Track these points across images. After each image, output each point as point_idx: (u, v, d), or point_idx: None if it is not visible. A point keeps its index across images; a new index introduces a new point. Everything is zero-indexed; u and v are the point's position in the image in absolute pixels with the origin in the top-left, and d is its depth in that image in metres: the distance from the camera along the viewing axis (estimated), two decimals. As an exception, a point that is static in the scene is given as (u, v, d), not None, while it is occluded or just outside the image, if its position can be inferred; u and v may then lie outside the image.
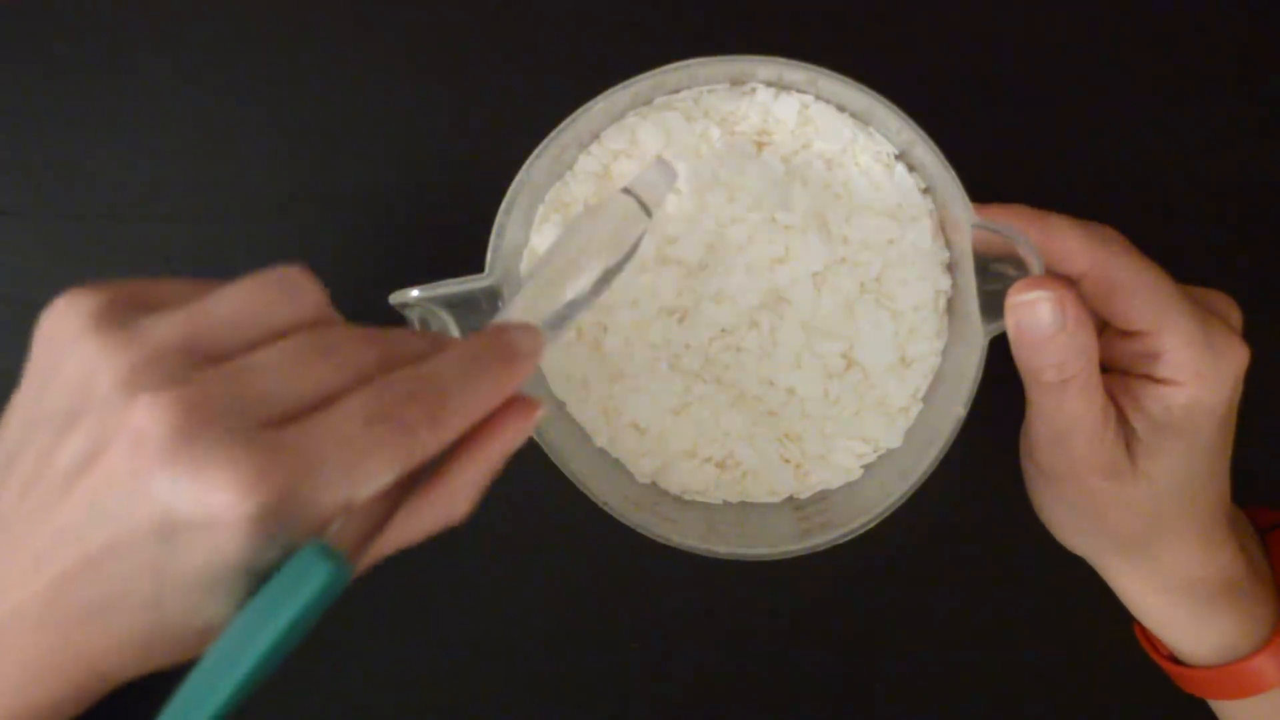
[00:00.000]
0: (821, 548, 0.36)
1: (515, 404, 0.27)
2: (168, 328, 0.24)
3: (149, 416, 0.23)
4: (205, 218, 0.43)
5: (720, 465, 0.39)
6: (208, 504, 0.22)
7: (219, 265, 0.43)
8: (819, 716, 0.45)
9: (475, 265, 0.36)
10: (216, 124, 0.43)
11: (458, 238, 0.38)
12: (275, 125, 0.43)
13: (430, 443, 0.25)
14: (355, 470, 0.24)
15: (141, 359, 0.24)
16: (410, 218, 0.43)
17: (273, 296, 0.26)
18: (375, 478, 0.24)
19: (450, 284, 0.35)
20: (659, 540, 0.37)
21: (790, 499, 0.40)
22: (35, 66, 0.43)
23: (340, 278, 0.28)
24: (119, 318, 0.25)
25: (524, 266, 0.38)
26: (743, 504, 0.40)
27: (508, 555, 0.44)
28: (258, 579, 0.24)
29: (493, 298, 0.36)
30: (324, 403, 0.24)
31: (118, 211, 0.43)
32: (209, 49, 0.43)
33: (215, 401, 0.23)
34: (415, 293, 0.34)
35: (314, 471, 0.23)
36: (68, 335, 0.25)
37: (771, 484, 0.39)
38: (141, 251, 0.43)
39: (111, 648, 0.25)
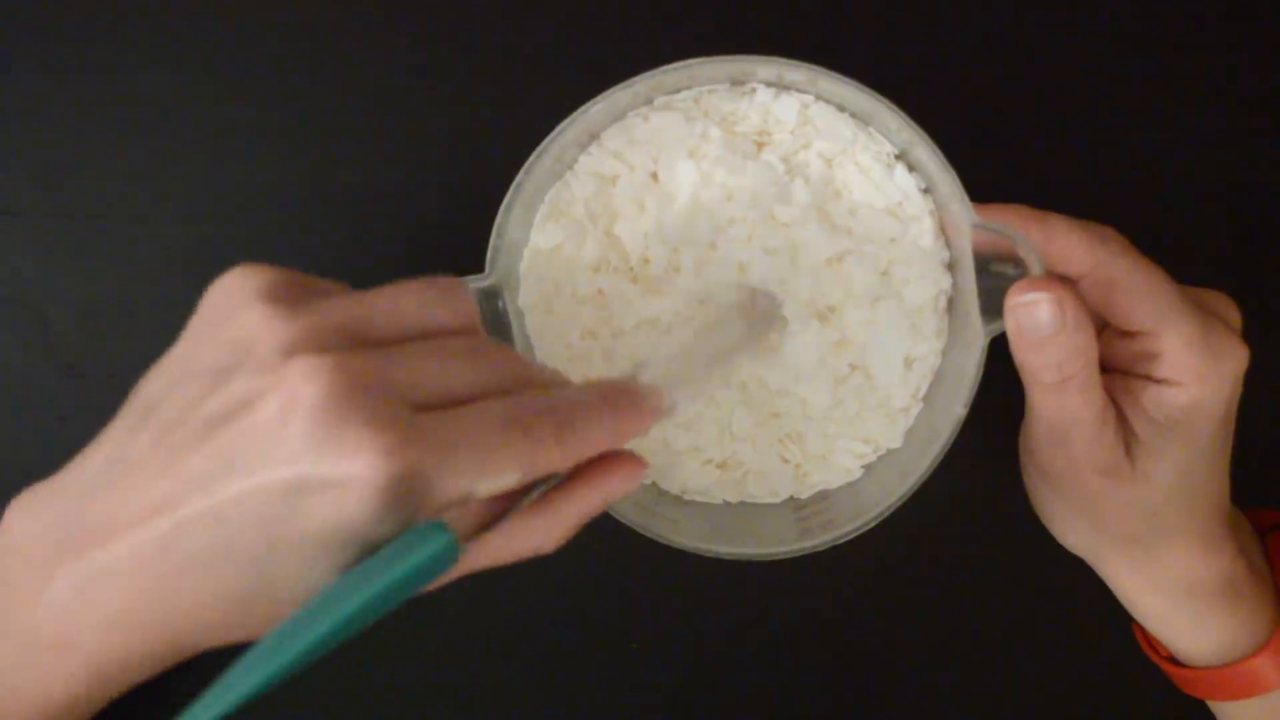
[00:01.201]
0: (821, 548, 0.36)
1: (627, 456, 0.29)
2: (333, 308, 0.26)
3: (303, 377, 0.24)
4: (205, 218, 0.43)
5: (721, 466, 0.39)
6: (342, 467, 0.23)
7: (219, 265, 0.43)
8: (819, 716, 0.45)
9: (475, 265, 0.36)
10: (216, 124, 0.43)
11: (458, 238, 0.38)
12: (275, 125, 0.43)
13: (553, 459, 0.26)
14: (483, 464, 0.25)
15: (305, 330, 0.25)
16: (410, 218, 0.43)
17: (432, 299, 0.27)
18: (499, 476, 0.25)
19: (450, 284, 0.35)
20: (659, 540, 0.37)
21: (790, 499, 0.40)
22: (35, 66, 0.43)
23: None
24: (290, 294, 0.26)
25: (524, 267, 0.38)
26: (743, 504, 0.40)
27: (508, 555, 0.44)
28: (368, 553, 0.24)
29: (493, 297, 0.36)
30: (465, 401, 0.26)
31: (118, 211, 0.43)
32: (209, 49, 0.43)
33: (368, 376, 0.24)
34: (415, 293, 0.34)
35: (446, 456, 0.24)
36: (237, 301, 0.26)
37: (772, 484, 0.39)
38: (142, 251, 0.43)
39: (204, 602, 0.25)
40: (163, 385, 0.27)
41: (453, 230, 0.42)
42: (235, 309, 0.26)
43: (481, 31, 0.43)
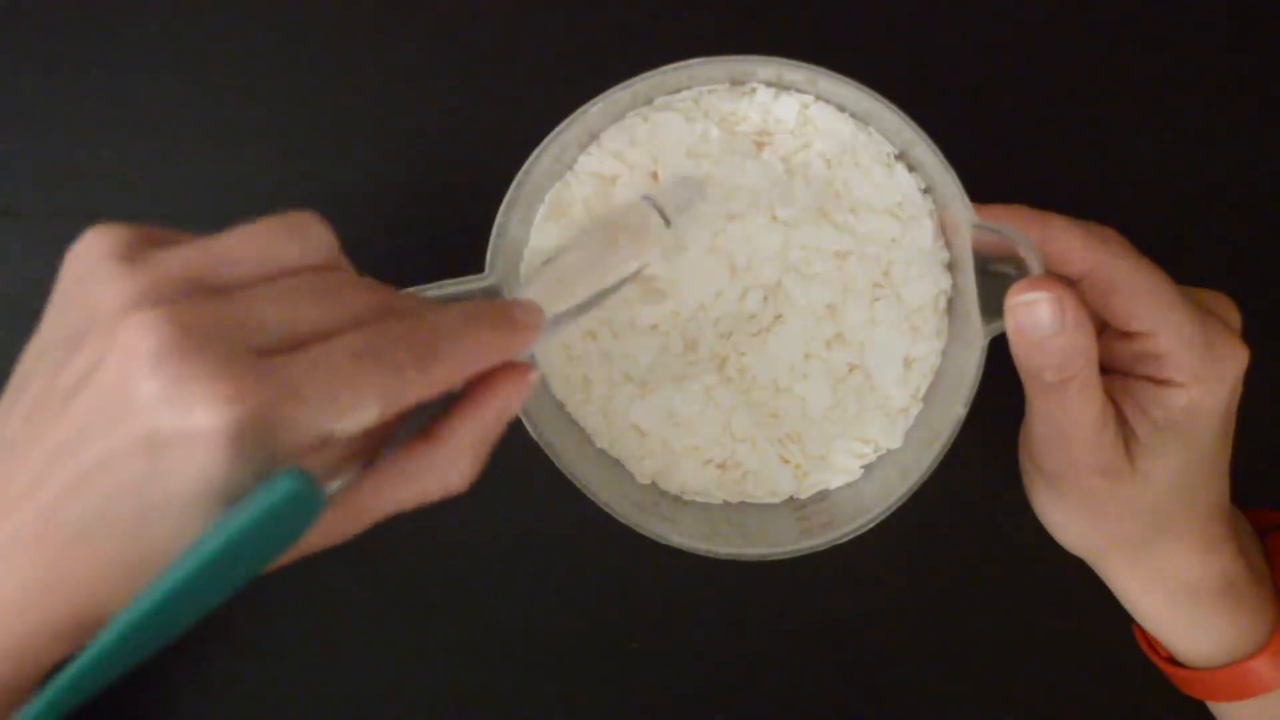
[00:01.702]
0: (821, 548, 0.36)
1: (509, 368, 0.28)
2: (175, 258, 0.25)
3: (139, 332, 0.23)
4: (205, 218, 0.43)
5: (721, 466, 0.39)
6: (187, 419, 0.23)
7: (219, 265, 0.43)
8: (819, 716, 0.45)
9: (475, 265, 0.36)
10: (217, 124, 0.43)
11: (458, 238, 0.38)
12: (276, 125, 0.43)
13: (415, 386, 0.25)
14: (336, 400, 0.24)
15: (145, 285, 0.24)
16: (410, 218, 0.43)
17: (282, 237, 0.26)
18: (356, 410, 0.24)
19: (450, 284, 0.35)
20: (659, 540, 0.37)
21: (790, 499, 0.40)
22: (35, 66, 0.43)
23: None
24: (135, 251, 0.25)
25: (524, 267, 0.38)
26: (743, 504, 0.40)
27: (508, 555, 0.44)
28: (237, 504, 0.24)
29: (493, 298, 0.36)
30: (318, 339, 0.25)
31: (118, 211, 0.43)
32: (209, 49, 0.43)
33: (206, 323, 0.24)
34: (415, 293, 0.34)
35: (294, 396, 0.23)
36: (86, 264, 0.25)
37: (772, 484, 0.39)
38: (141, 251, 0.43)
39: (99, 572, 0.25)
40: (30, 362, 0.27)
41: (453, 230, 0.42)
42: (85, 272, 0.25)
43: (481, 32, 0.43)
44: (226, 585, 0.24)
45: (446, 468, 0.28)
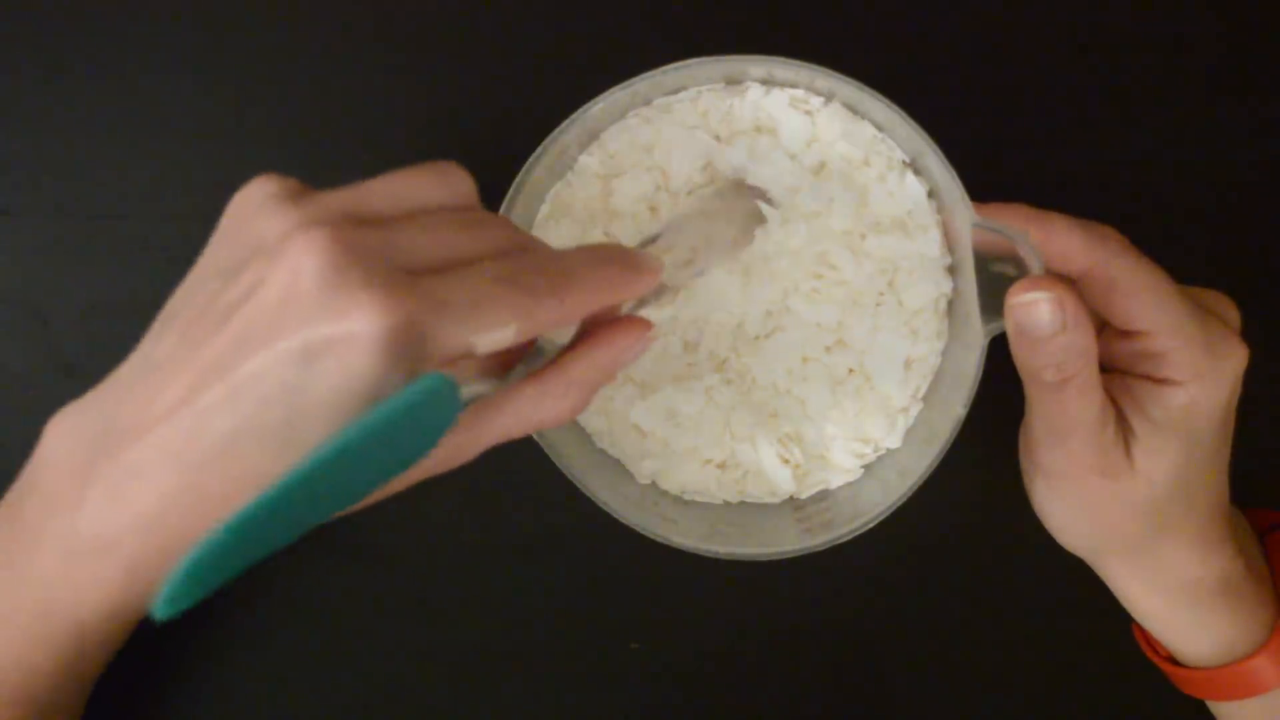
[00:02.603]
0: (821, 548, 0.36)
1: (630, 319, 0.31)
2: (333, 196, 0.27)
3: (304, 248, 0.25)
4: (205, 218, 0.43)
5: (721, 466, 0.39)
6: (344, 322, 0.24)
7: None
8: (819, 716, 0.45)
9: (475, 265, 0.36)
10: (216, 124, 0.43)
11: (458, 238, 0.38)
12: (275, 125, 0.43)
13: (550, 311, 0.27)
14: (479, 316, 0.26)
15: (307, 215, 0.26)
16: (410, 218, 0.43)
17: (429, 180, 0.29)
18: (496, 328, 0.26)
19: (450, 284, 0.35)
20: (659, 540, 0.37)
21: (790, 499, 0.40)
22: (35, 66, 0.43)
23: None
24: (297, 192, 0.27)
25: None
26: (743, 504, 0.40)
27: (508, 555, 0.44)
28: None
29: None
30: (462, 264, 0.27)
31: (118, 211, 0.43)
32: (209, 49, 0.43)
33: (364, 244, 0.25)
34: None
35: (442, 309, 0.25)
36: (250, 206, 0.27)
37: (772, 484, 0.39)
38: (141, 251, 0.43)
39: (236, 489, 0.26)
40: (186, 293, 0.28)
41: (453, 230, 0.42)
42: (248, 214, 0.27)
43: (481, 32, 0.43)
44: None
45: (560, 400, 0.30)
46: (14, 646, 0.30)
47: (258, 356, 0.25)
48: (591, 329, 0.30)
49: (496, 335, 0.26)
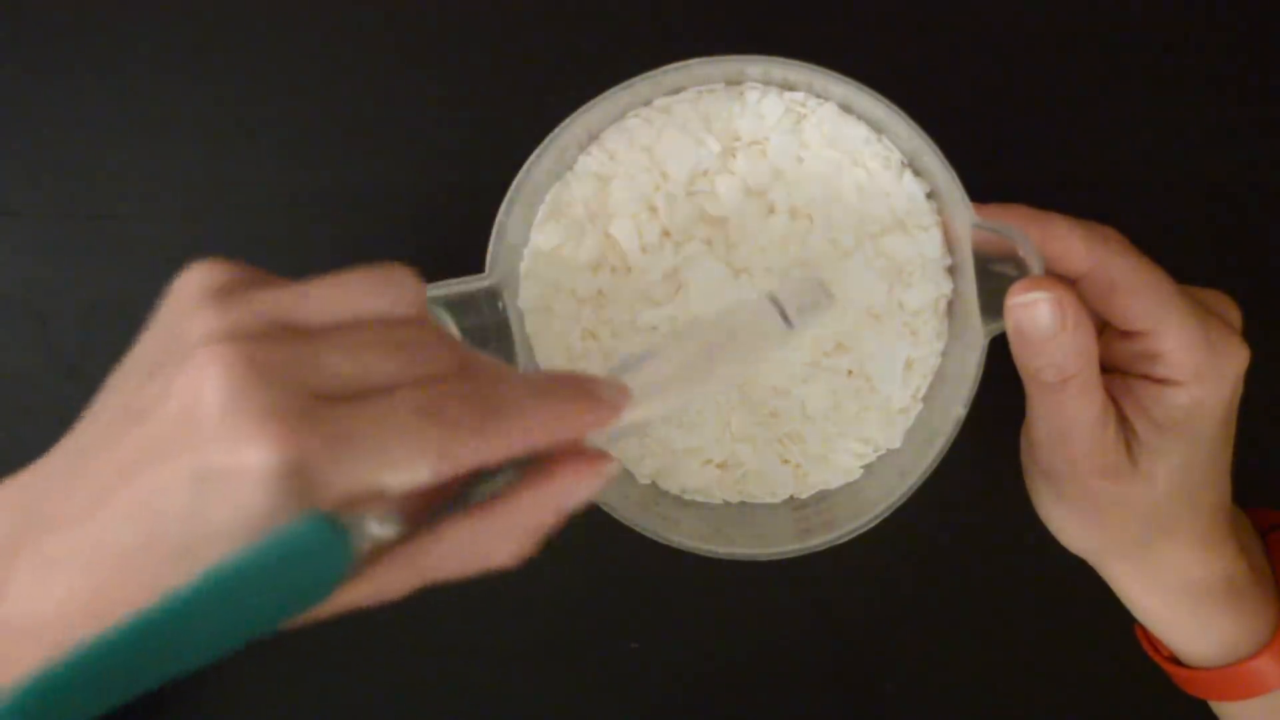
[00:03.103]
0: (821, 548, 0.36)
1: (584, 453, 0.27)
2: (265, 298, 0.26)
3: (209, 364, 0.24)
4: (205, 218, 0.43)
5: (721, 466, 0.39)
6: (237, 454, 0.23)
7: (219, 265, 0.43)
8: (819, 716, 0.45)
9: (475, 265, 0.36)
10: (216, 124, 0.43)
11: (458, 238, 0.38)
12: (275, 125, 0.43)
13: (473, 449, 0.25)
14: (389, 454, 0.24)
15: (229, 322, 0.25)
16: (410, 218, 0.43)
17: (371, 287, 0.27)
18: (408, 467, 0.24)
19: (450, 284, 0.35)
20: (659, 540, 0.37)
21: (790, 499, 0.40)
22: (35, 66, 0.43)
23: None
24: (229, 289, 0.26)
25: (524, 267, 0.38)
26: (743, 504, 0.40)
27: (508, 555, 0.44)
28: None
29: (493, 298, 0.36)
30: (385, 391, 0.25)
31: (118, 211, 0.43)
32: (209, 49, 0.43)
33: (275, 363, 0.24)
34: (415, 292, 0.34)
35: (347, 443, 0.23)
36: (184, 297, 0.26)
37: (772, 484, 0.39)
38: (142, 251, 0.43)
39: (142, 596, 0.25)
40: (119, 377, 0.27)
41: (453, 230, 0.42)
42: (181, 305, 0.26)
43: (481, 32, 0.43)
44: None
45: (496, 545, 0.27)
46: None
47: (156, 473, 0.24)
48: (543, 462, 0.27)
49: (408, 474, 0.24)
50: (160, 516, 0.24)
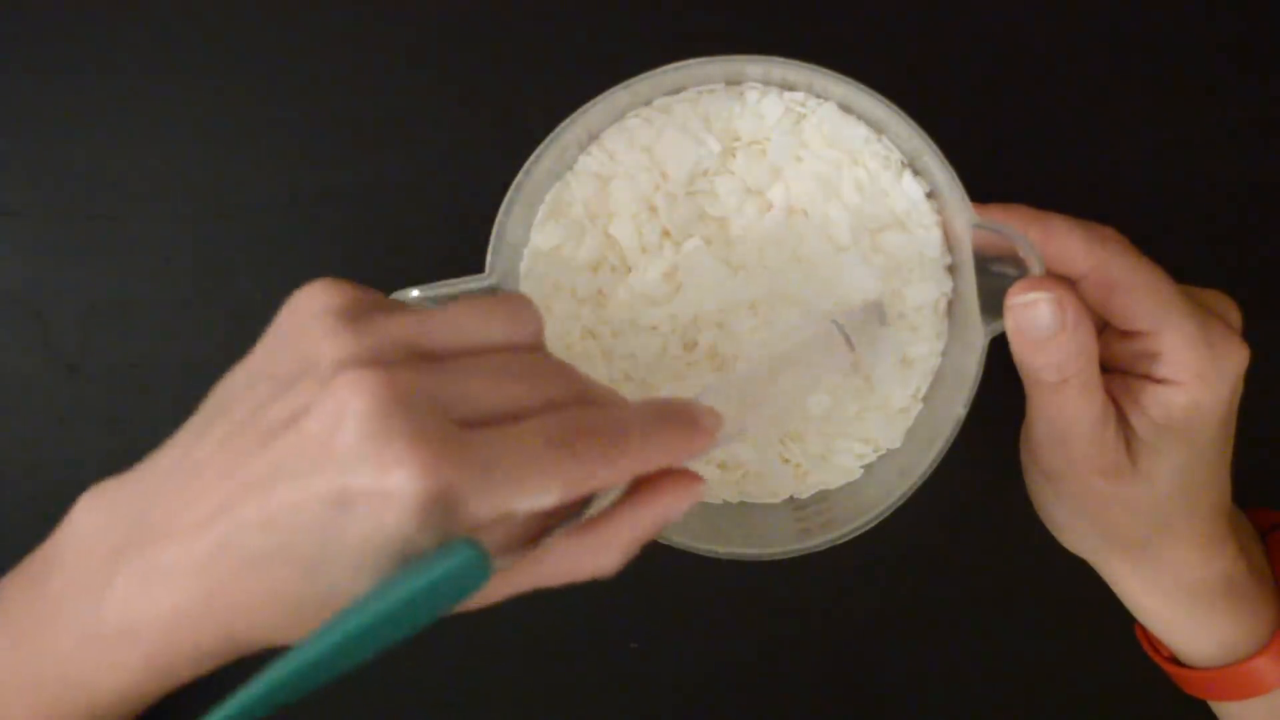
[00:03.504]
0: (821, 548, 0.36)
1: (681, 473, 0.29)
2: (395, 324, 0.27)
3: (354, 389, 0.24)
4: (205, 218, 0.43)
5: (721, 466, 0.39)
6: (383, 478, 0.24)
7: (219, 265, 0.43)
8: (819, 716, 0.45)
9: (475, 265, 0.36)
10: (217, 124, 0.43)
11: (458, 238, 0.38)
12: (275, 125, 0.43)
13: (598, 478, 0.26)
14: (523, 482, 0.25)
15: (364, 345, 0.26)
16: (411, 217, 0.43)
17: (496, 316, 0.28)
18: (539, 494, 0.25)
19: (450, 284, 0.35)
20: (659, 540, 0.37)
21: (790, 499, 0.40)
22: (35, 66, 0.43)
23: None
24: (359, 311, 0.27)
25: (524, 267, 0.38)
26: (743, 504, 0.40)
27: (508, 555, 0.44)
28: (409, 565, 0.25)
29: (493, 296, 0.36)
30: (514, 418, 0.26)
31: (118, 211, 0.43)
32: (209, 49, 0.43)
33: (415, 390, 0.25)
34: (415, 293, 0.34)
35: (485, 472, 0.24)
36: (310, 314, 0.27)
37: (772, 484, 0.39)
38: (142, 251, 0.43)
39: (259, 603, 0.26)
40: (234, 389, 0.28)
41: (453, 230, 0.42)
42: (307, 322, 0.27)
43: (481, 32, 0.43)
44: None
45: (600, 557, 0.28)
46: (30, 715, 0.30)
47: (295, 489, 0.25)
48: (645, 480, 0.29)
49: (538, 500, 0.25)
50: (293, 531, 0.25)
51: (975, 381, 0.35)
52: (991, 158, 0.43)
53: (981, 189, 0.35)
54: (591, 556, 0.28)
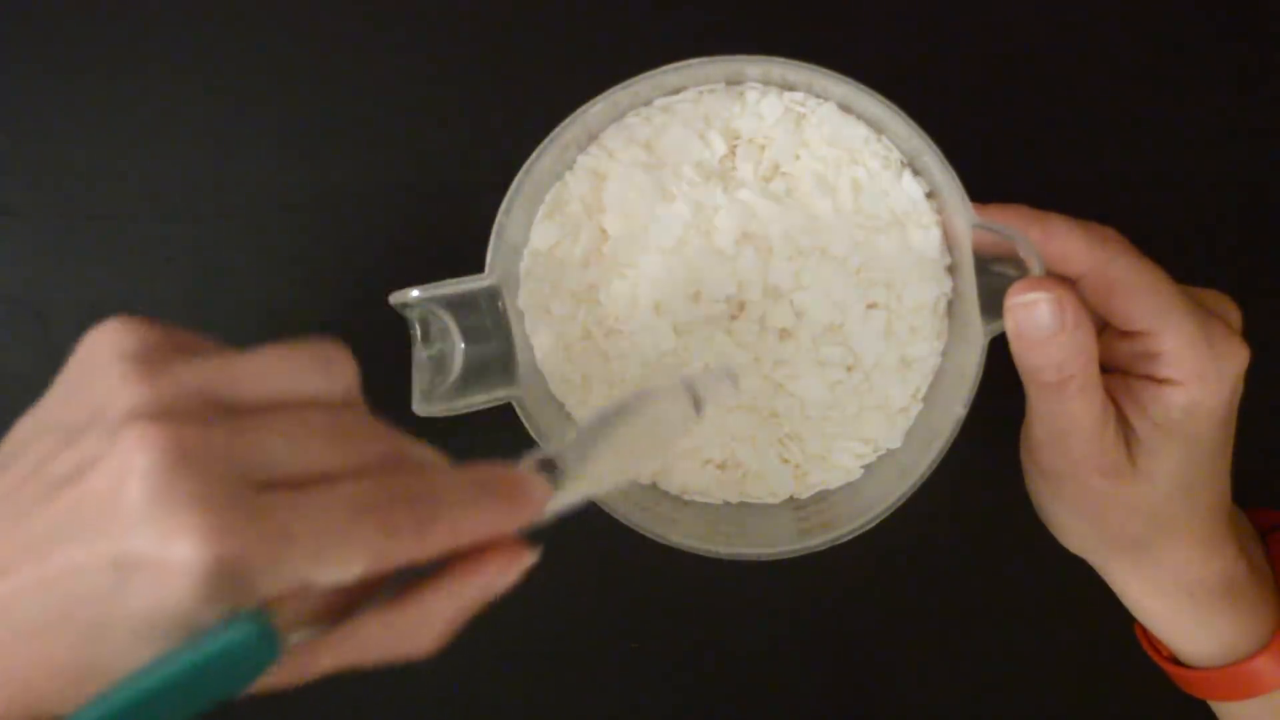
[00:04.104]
0: (821, 548, 0.36)
1: (505, 546, 0.27)
2: (192, 372, 0.24)
3: (139, 445, 0.22)
4: (205, 218, 0.43)
5: (721, 466, 0.39)
6: (165, 546, 0.22)
7: (219, 265, 0.43)
8: (819, 716, 0.45)
9: (475, 265, 0.36)
10: (216, 124, 0.43)
11: (458, 238, 0.38)
12: (275, 125, 0.43)
13: (410, 549, 0.24)
14: (323, 554, 0.23)
15: (157, 395, 0.24)
16: (410, 217, 0.43)
17: (306, 366, 0.26)
18: (341, 567, 0.23)
19: (450, 284, 0.35)
20: (659, 540, 0.37)
21: (790, 499, 0.40)
22: (35, 66, 0.43)
23: (340, 278, 0.28)
24: (155, 355, 0.25)
25: (524, 267, 0.38)
26: (743, 504, 0.40)
27: (508, 555, 0.44)
28: (194, 637, 0.23)
29: (492, 298, 0.36)
30: (319, 481, 0.24)
31: (118, 211, 0.43)
32: (209, 49, 0.43)
33: (210, 449, 0.23)
34: (415, 293, 0.34)
35: (281, 543, 0.23)
36: (102, 358, 0.25)
37: (772, 484, 0.39)
38: (141, 251, 0.43)
39: (39, 674, 0.24)
40: (23, 438, 0.26)
41: (453, 230, 0.41)
42: (99, 367, 0.25)
43: (481, 32, 0.43)
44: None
45: (415, 636, 0.26)
46: None
47: (74, 552, 0.23)
48: (464, 554, 0.26)
49: (340, 573, 0.23)
50: (72, 596, 0.23)
51: (975, 381, 0.35)
52: (991, 158, 0.43)
53: (981, 189, 0.35)
54: (407, 634, 0.26)
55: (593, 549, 0.44)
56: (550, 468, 0.28)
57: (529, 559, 0.27)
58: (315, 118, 0.43)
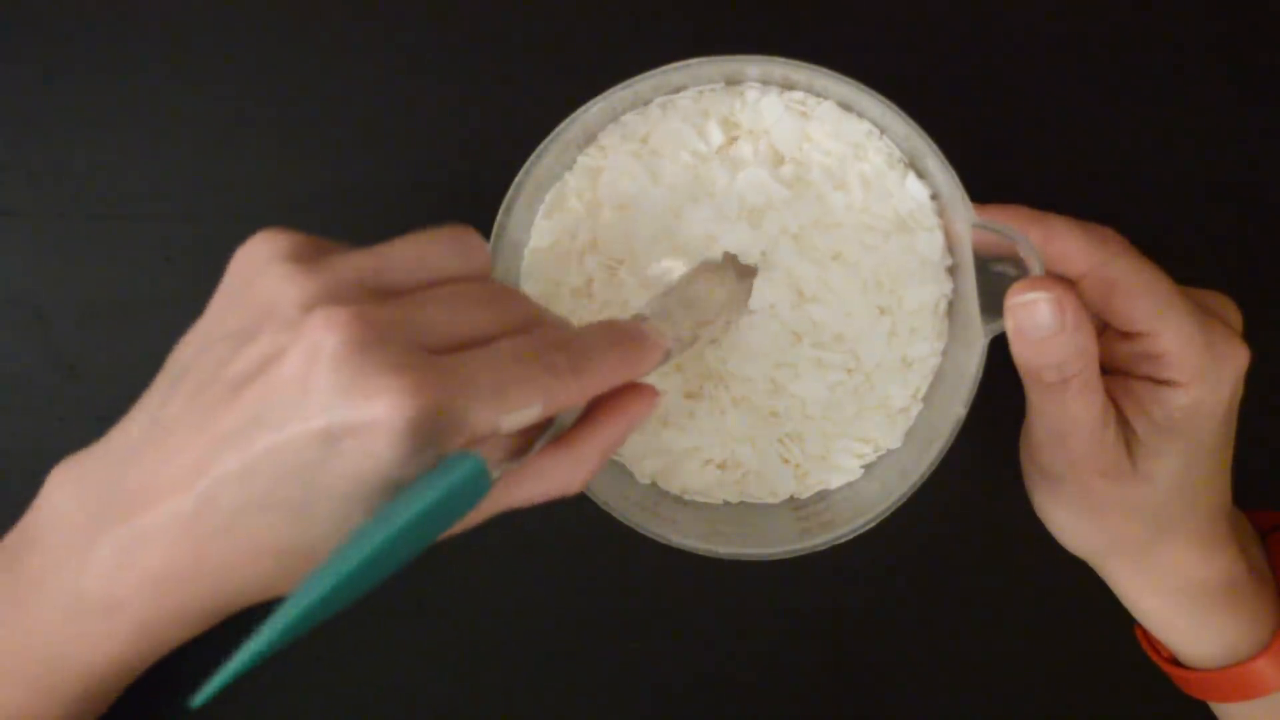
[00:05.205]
0: (821, 548, 0.36)
1: (639, 387, 0.30)
2: (349, 263, 0.27)
3: (324, 329, 0.24)
4: (205, 218, 0.43)
5: (721, 466, 0.39)
6: (367, 410, 0.24)
7: (219, 265, 0.43)
8: (819, 716, 0.44)
9: (475, 265, 0.36)
10: (217, 124, 0.43)
11: (458, 237, 0.38)
12: (276, 125, 0.43)
13: (571, 390, 0.27)
14: (504, 398, 0.25)
15: (323, 285, 0.26)
16: (411, 217, 0.43)
17: (446, 248, 0.28)
18: (521, 408, 0.26)
19: (450, 283, 0.35)
20: (659, 540, 0.37)
21: (790, 499, 0.40)
22: (35, 66, 0.43)
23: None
24: (308, 254, 0.27)
25: (524, 267, 0.38)
26: (743, 504, 0.40)
27: (508, 555, 0.44)
28: (409, 488, 0.25)
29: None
30: (479, 343, 0.26)
31: (118, 211, 0.43)
32: (209, 49, 0.43)
33: (386, 322, 0.25)
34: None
35: (467, 392, 0.25)
36: (259, 264, 0.27)
37: (772, 484, 0.39)
38: (141, 251, 0.43)
39: (246, 559, 0.26)
40: (193, 350, 0.28)
41: (453, 230, 0.42)
42: (257, 272, 0.27)
43: (481, 32, 0.43)
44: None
45: (573, 471, 0.29)
46: (21, 696, 0.30)
47: (275, 435, 0.24)
48: (598, 399, 0.30)
49: (522, 415, 0.26)
50: (276, 477, 0.25)
51: (975, 381, 0.35)
52: (991, 158, 0.43)
53: (981, 189, 0.35)
54: (564, 472, 0.29)
55: (593, 549, 0.44)
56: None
57: (659, 396, 0.30)
58: (316, 118, 0.43)
